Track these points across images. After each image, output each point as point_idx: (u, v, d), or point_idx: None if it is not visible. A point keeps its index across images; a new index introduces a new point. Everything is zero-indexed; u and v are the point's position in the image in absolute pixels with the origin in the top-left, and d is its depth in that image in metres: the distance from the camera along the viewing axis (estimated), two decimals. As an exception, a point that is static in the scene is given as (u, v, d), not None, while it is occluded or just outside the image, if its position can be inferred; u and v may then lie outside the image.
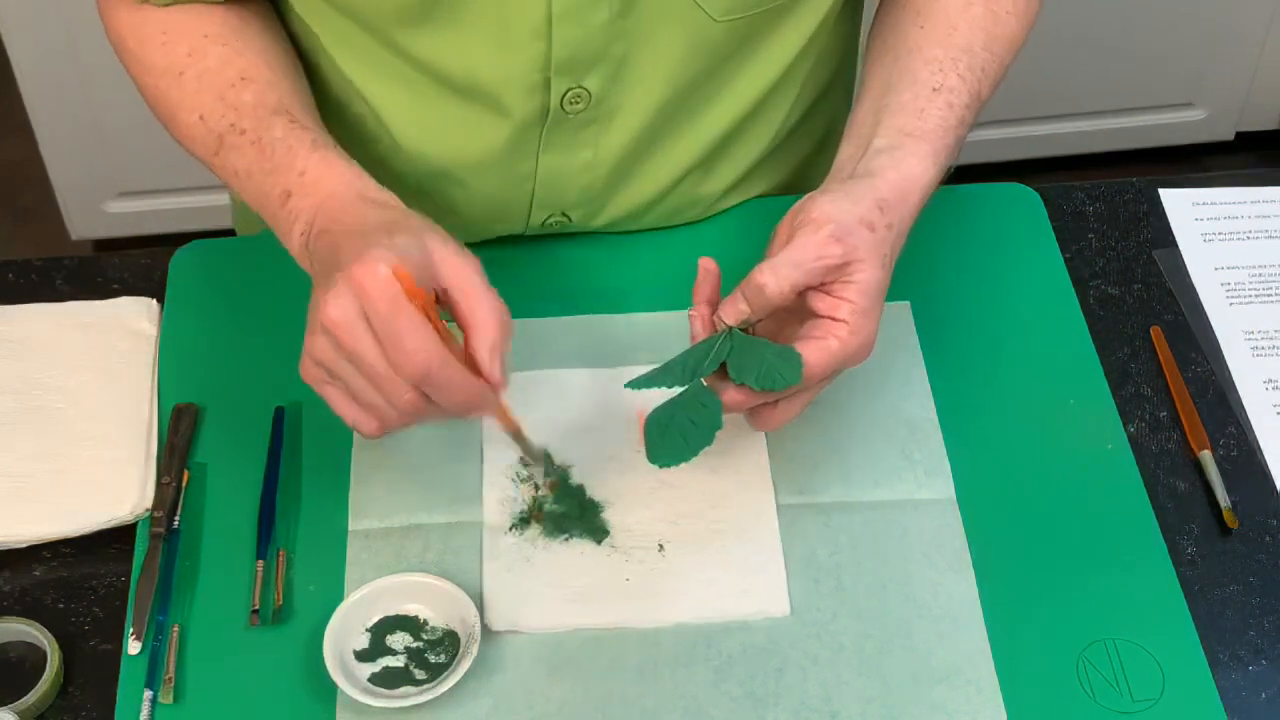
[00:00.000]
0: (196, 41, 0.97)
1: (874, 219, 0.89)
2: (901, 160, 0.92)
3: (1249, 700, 0.90)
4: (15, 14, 1.98)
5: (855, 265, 0.87)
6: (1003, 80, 1.01)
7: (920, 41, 0.98)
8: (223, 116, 0.94)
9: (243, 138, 0.93)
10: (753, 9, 0.97)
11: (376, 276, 0.80)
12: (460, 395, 0.82)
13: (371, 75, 1.01)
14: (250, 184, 0.93)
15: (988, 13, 1.00)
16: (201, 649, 0.91)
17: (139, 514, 0.96)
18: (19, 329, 1.05)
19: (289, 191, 0.90)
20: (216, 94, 0.95)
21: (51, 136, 2.13)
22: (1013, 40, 1.01)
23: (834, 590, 0.93)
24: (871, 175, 0.91)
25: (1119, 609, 0.93)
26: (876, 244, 0.88)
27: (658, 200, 1.09)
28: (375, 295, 0.80)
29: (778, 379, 0.87)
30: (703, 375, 0.89)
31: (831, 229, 0.87)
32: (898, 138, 0.93)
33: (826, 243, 0.87)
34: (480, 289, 0.84)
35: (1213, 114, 2.37)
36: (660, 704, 0.88)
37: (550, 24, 0.93)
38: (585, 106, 0.99)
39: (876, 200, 0.90)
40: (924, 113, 0.94)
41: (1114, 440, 1.00)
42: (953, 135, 0.95)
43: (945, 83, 0.96)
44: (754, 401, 0.89)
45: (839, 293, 0.88)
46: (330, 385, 0.85)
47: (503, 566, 0.94)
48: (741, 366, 0.87)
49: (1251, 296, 1.10)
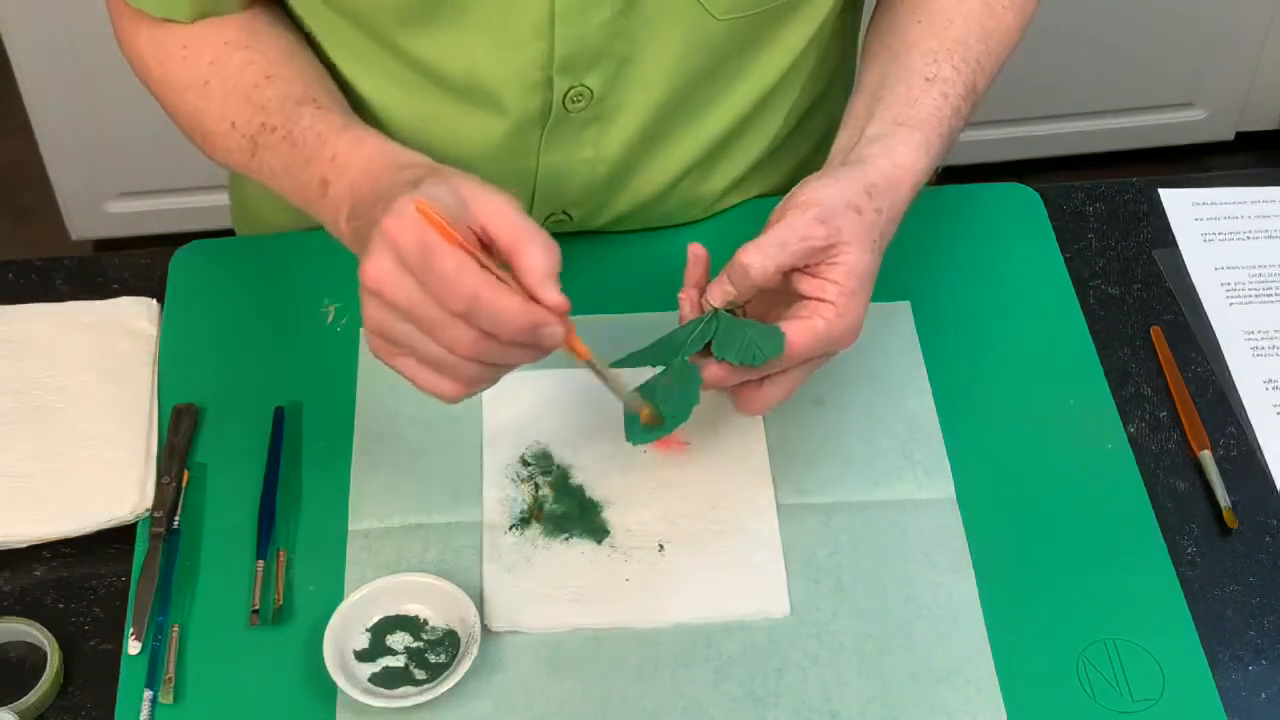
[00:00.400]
0: (218, 50, 0.97)
1: (861, 203, 0.89)
2: (893, 148, 0.92)
3: (1249, 700, 0.90)
4: (15, 14, 1.98)
5: (841, 247, 0.87)
6: (999, 74, 1.01)
7: (917, 37, 0.98)
8: (252, 118, 0.94)
9: (274, 135, 0.93)
10: (754, 8, 0.97)
11: (403, 220, 0.77)
12: (516, 320, 0.78)
13: (367, 73, 1.01)
14: (289, 180, 0.92)
15: (984, 7, 1.00)
16: (201, 649, 0.91)
17: (139, 514, 0.96)
18: (19, 329, 1.05)
19: (326, 180, 0.89)
20: (243, 96, 0.95)
21: (51, 136, 2.13)
22: (1009, 34, 1.01)
23: (834, 590, 0.93)
24: (862, 162, 0.92)
25: (1119, 609, 0.93)
26: (865, 227, 0.88)
27: (658, 199, 1.09)
28: (405, 239, 0.77)
29: (757, 354, 0.86)
30: (686, 354, 0.89)
31: (816, 211, 0.87)
32: (890, 126, 0.94)
33: (811, 224, 0.87)
34: (520, 220, 0.80)
35: (1213, 114, 2.37)
36: (660, 704, 0.88)
37: (553, 22, 0.93)
38: (587, 105, 0.99)
39: (865, 185, 0.90)
40: (917, 102, 0.95)
41: (1114, 440, 1.01)
42: (946, 125, 0.95)
43: (939, 73, 0.96)
44: (736, 378, 0.88)
45: (825, 274, 0.87)
46: (399, 355, 0.82)
47: (503, 566, 0.94)
48: (724, 344, 0.87)
49: (1251, 296, 1.10)
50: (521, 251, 0.79)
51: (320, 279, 1.08)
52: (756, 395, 0.90)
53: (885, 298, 1.06)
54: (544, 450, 0.99)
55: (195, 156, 1.04)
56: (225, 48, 0.97)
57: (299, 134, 0.92)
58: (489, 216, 0.80)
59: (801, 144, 1.15)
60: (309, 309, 1.07)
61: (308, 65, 0.98)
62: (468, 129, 1.01)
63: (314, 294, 1.07)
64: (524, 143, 1.02)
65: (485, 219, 0.80)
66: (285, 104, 0.93)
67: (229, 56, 0.96)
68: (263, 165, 0.94)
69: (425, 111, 1.01)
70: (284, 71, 0.96)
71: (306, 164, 0.91)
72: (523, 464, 0.99)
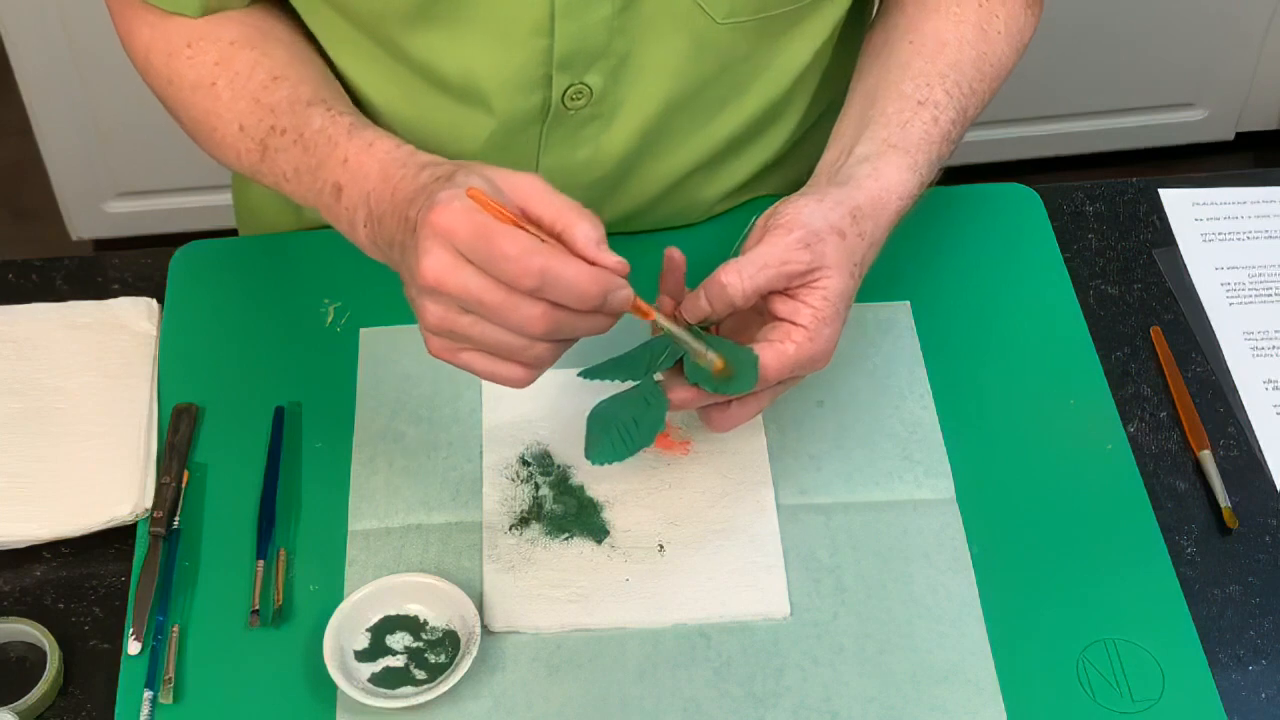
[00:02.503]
0: (223, 49, 0.96)
1: (845, 227, 0.89)
2: (881, 171, 0.92)
3: (1249, 700, 0.90)
4: (15, 14, 1.98)
5: (822, 272, 0.87)
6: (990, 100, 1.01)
7: (909, 57, 0.98)
8: (261, 120, 0.94)
9: (284, 138, 0.92)
10: (755, 14, 0.97)
11: (454, 210, 0.77)
12: (586, 283, 0.77)
13: (366, 71, 1.01)
14: (301, 185, 0.92)
15: (979, 33, 1.00)
16: (201, 649, 0.91)
17: (139, 514, 0.96)
18: (19, 329, 1.05)
19: (339, 185, 0.89)
20: (251, 98, 0.94)
21: (51, 136, 2.13)
22: (1002, 62, 1.01)
23: (834, 590, 0.93)
24: (850, 182, 0.91)
25: (1119, 609, 0.93)
26: (846, 252, 0.88)
27: (658, 201, 1.09)
28: (460, 229, 0.77)
29: (731, 382, 0.86)
30: (657, 371, 0.88)
31: (800, 234, 0.87)
32: (880, 147, 0.93)
33: (795, 248, 0.86)
34: (557, 195, 0.80)
35: (1213, 114, 2.37)
36: (660, 704, 0.88)
37: (553, 19, 0.93)
38: (586, 103, 0.99)
39: (851, 208, 0.89)
40: (908, 125, 0.94)
41: (1114, 440, 1.01)
42: (935, 150, 0.95)
43: (931, 96, 0.96)
44: (703, 401, 0.88)
45: (802, 297, 0.87)
46: (462, 352, 0.82)
47: (503, 566, 0.94)
48: (697, 367, 0.87)
49: (1251, 296, 1.10)
50: (570, 224, 0.79)
51: (320, 279, 1.08)
52: (725, 416, 0.90)
53: (885, 298, 1.06)
54: (544, 450, 0.99)
55: (195, 156, 1.04)
56: (231, 47, 0.96)
57: (309, 136, 0.91)
58: (526, 196, 0.80)
59: (805, 156, 1.14)
60: (309, 309, 1.07)
61: (314, 65, 0.98)
62: (467, 127, 1.01)
63: (314, 294, 1.07)
64: (523, 141, 1.02)
65: (523, 199, 0.80)
66: (295, 106, 0.93)
67: (235, 56, 0.96)
68: (273, 168, 0.94)
69: (424, 110, 1.01)
70: (291, 73, 0.95)
71: (319, 168, 0.90)
72: (523, 464, 0.99)
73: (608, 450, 0.90)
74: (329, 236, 0.98)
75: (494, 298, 0.77)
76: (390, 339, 1.04)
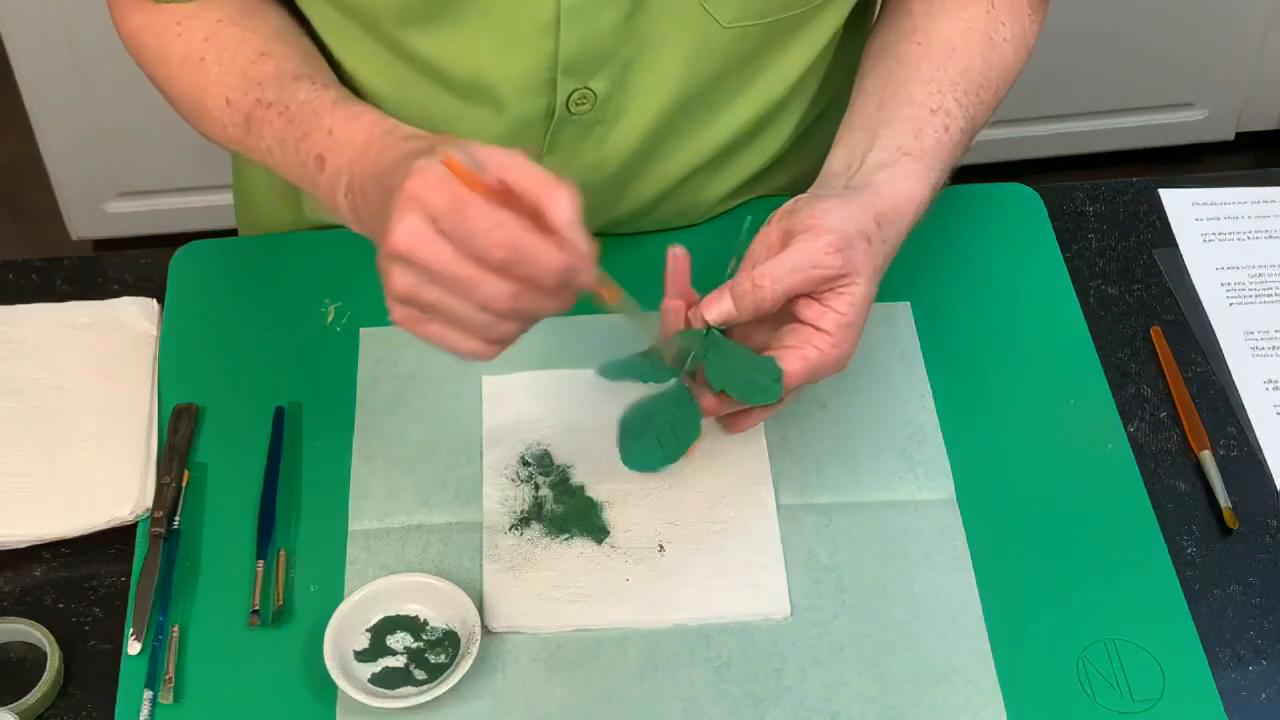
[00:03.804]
0: (211, 27, 0.97)
1: (872, 232, 0.89)
2: (899, 179, 0.92)
3: (1249, 700, 0.90)
4: (15, 14, 1.98)
5: (851, 277, 0.87)
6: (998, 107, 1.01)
7: (918, 59, 0.98)
8: (247, 94, 0.94)
9: (269, 110, 0.93)
10: (760, 19, 0.97)
11: (430, 179, 0.76)
12: (555, 260, 0.76)
13: (368, 70, 1.01)
14: (285, 156, 0.92)
15: (986, 41, 1.00)
16: (201, 649, 0.91)
17: (139, 514, 0.96)
18: (19, 329, 1.05)
19: (322, 156, 0.89)
20: (239, 72, 0.95)
21: (51, 136, 2.13)
22: (1008, 69, 1.01)
23: (834, 590, 0.93)
24: (870, 188, 0.91)
25: (1119, 609, 0.93)
26: (871, 257, 0.88)
27: (658, 203, 1.09)
28: (435, 198, 0.76)
29: (757, 393, 0.86)
30: (679, 374, 0.88)
31: (832, 239, 0.87)
32: (895, 154, 0.93)
33: (826, 252, 0.86)
34: (538, 170, 0.79)
35: (1213, 114, 2.37)
36: (660, 704, 0.88)
37: (559, 23, 0.93)
38: (591, 108, 0.99)
39: (876, 214, 0.90)
40: (921, 133, 0.95)
41: (1114, 440, 1.01)
42: (947, 158, 0.95)
43: (943, 105, 0.96)
44: (728, 409, 0.89)
45: (828, 301, 0.87)
46: (427, 322, 0.81)
47: (503, 566, 0.94)
48: (720, 374, 0.87)
49: (1251, 297, 1.10)
50: (549, 200, 0.78)
51: (320, 279, 1.08)
52: (744, 420, 0.91)
53: (885, 298, 1.06)
54: (544, 450, 0.99)
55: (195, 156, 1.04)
56: (219, 24, 0.97)
57: (295, 109, 0.92)
58: (506, 169, 0.79)
59: (806, 155, 1.14)
60: (309, 309, 1.07)
61: (300, 42, 0.99)
62: (469, 129, 1.00)
63: (314, 294, 1.07)
64: (527, 144, 1.01)
65: (502, 172, 0.79)
66: (281, 79, 0.94)
67: (223, 33, 0.97)
68: (259, 141, 0.94)
69: (427, 110, 1.01)
70: (278, 48, 0.96)
71: (303, 139, 0.91)
72: (523, 464, 0.99)
73: (646, 458, 0.90)
74: (329, 236, 0.98)
75: (460, 271, 0.77)
76: (390, 339, 1.04)
